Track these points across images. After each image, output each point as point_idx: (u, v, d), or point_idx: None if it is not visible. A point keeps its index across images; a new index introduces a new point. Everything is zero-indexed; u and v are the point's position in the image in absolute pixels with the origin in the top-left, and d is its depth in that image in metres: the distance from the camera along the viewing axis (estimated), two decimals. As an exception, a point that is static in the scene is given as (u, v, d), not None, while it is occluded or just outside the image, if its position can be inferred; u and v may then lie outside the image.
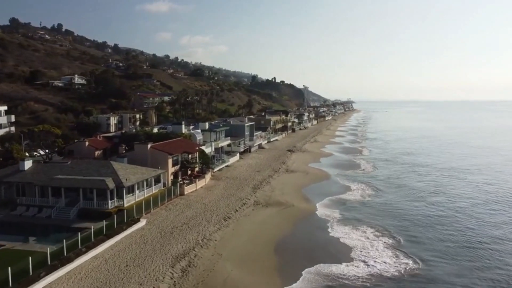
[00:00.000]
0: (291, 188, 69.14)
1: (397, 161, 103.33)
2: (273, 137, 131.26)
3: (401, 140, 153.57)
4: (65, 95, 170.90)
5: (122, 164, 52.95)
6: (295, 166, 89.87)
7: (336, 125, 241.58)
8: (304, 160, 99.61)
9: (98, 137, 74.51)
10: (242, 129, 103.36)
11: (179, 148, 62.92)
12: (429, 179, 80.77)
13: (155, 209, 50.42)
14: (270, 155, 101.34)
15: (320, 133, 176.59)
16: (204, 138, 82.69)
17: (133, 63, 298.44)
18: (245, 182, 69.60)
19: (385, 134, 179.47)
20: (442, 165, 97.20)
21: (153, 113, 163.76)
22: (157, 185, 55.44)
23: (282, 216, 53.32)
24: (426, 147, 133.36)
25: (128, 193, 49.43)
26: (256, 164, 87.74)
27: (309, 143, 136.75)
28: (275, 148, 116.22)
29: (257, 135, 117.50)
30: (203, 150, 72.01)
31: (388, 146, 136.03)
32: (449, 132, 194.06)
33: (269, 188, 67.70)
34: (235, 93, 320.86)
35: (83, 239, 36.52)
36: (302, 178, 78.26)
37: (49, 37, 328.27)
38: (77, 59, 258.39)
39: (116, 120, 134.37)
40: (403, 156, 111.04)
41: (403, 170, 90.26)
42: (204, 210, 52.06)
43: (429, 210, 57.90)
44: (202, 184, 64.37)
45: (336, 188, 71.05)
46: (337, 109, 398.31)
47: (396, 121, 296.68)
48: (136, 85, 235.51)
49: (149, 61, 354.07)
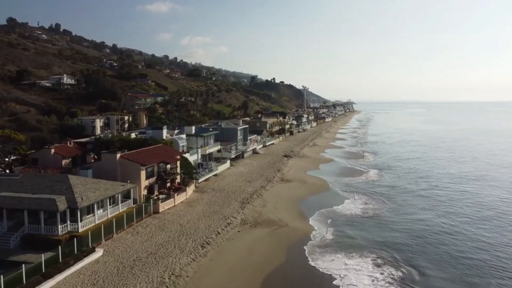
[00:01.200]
0: (285, 202, 60.75)
1: (402, 167, 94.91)
2: (269, 141, 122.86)
3: (405, 144, 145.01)
4: (52, 96, 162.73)
5: (82, 179, 44.53)
6: (291, 175, 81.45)
7: (336, 127, 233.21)
8: (302, 167, 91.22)
9: (68, 143, 66.16)
10: (234, 133, 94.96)
11: (156, 157, 54.45)
12: (438, 191, 72.32)
13: (120, 233, 42.04)
14: (265, 162, 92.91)
15: (319, 136, 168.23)
16: (190, 144, 74.32)
17: (127, 63, 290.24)
18: (233, 195, 61.18)
19: (387, 137, 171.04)
20: (452, 173, 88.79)
21: (144, 114, 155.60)
22: (126, 202, 47.04)
23: (273, 240, 44.90)
24: (432, 152, 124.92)
25: (86, 214, 41.06)
26: (248, 172, 79.31)
27: (307, 147, 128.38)
28: (270, 153, 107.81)
29: (251, 139, 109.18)
30: (186, 159, 63.61)
31: (392, 150, 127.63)
32: (455, 135, 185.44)
33: (260, 202, 59.30)
34: (233, 94, 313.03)
35: (8, 283, 28.14)
36: (299, 189, 69.87)
37: (46, 37, 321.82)
38: (69, 59, 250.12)
39: (102, 122, 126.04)
40: (409, 162, 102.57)
41: (410, 179, 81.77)
42: (179, 233, 43.66)
43: (445, 237, 49.47)
44: (183, 199, 55.96)
45: (336, 202, 62.59)
46: (337, 110, 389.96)
47: (397, 123, 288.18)
48: (129, 85, 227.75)
49: (145, 61, 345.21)
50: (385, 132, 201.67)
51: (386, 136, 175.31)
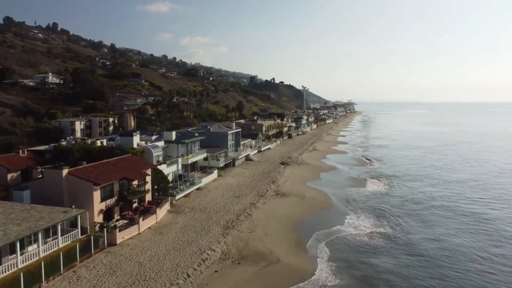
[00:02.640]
0: (279, 225, 50.16)
1: (413, 176, 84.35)
2: (265, 146, 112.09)
3: (412, 149, 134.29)
4: (35, 96, 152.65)
5: (7, 205, 33.97)
6: (288, 187, 70.79)
7: (337, 129, 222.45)
8: (300, 177, 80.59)
9: (22, 152, 55.52)
10: (224, 137, 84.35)
11: (117, 172, 43.73)
12: (461, 204, 61.74)
13: (52, 280, 31.43)
14: (258, 171, 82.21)
15: (320, 139, 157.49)
16: (169, 152, 63.72)
17: (121, 61, 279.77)
18: (215, 216, 50.54)
19: (392, 141, 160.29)
20: (465, 179, 78.26)
21: (131, 116, 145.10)
22: (72, 232, 36.46)
23: (260, 285, 34.35)
24: (442, 155, 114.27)
25: (8, 254, 30.50)
26: (238, 185, 68.59)
27: (307, 152, 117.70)
28: (266, 159, 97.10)
29: (245, 144, 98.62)
30: (160, 172, 53.01)
31: (399, 156, 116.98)
32: (464, 138, 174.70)
33: (248, 225, 48.70)
34: (231, 94, 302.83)
35: None
36: (296, 206, 59.25)
37: (42, 36, 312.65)
38: (58, 57, 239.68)
39: (83, 124, 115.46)
40: (419, 170, 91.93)
41: (423, 190, 71.19)
42: (135, 277, 33.03)
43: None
44: (151, 223, 45.32)
45: (340, 222, 52.14)
46: (338, 111, 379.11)
47: (401, 125, 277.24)
48: (121, 85, 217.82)
49: (140, 61, 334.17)
50: (389, 134, 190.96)
51: (391, 140, 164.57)
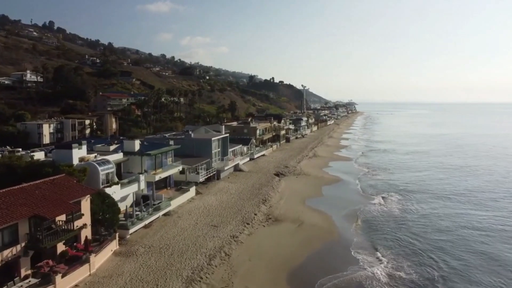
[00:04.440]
0: (267, 271, 36.48)
1: (431, 191, 70.72)
2: (258, 152, 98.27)
3: (423, 155, 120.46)
4: (10, 96, 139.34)
5: None
6: (282, 207, 57.07)
7: (339, 131, 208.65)
8: (298, 193, 66.89)
9: None
10: (207, 145, 70.53)
11: (25, 207, 29.76)
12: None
13: None
14: (248, 185, 68.35)
15: (321, 142, 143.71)
16: (131, 167, 50.01)
17: (112, 60, 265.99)
18: (179, 260, 36.76)
19: (401, 145, 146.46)
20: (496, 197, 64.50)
21: (111, 117, 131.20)
22: None
23: None
24: (461, 162, 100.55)
25: None
26: (219, 206, 54.76)
27: (306, 159, 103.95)
28: (258, 169, 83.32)
29: (235, 151, 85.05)
30: (107, 197, 39.27)
31: (410, 165, 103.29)
32: (480, 141, 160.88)
33: (223, 274, 35.00)
34: (227, 94, 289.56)
35: None
36: (292, 238, 45.56)
37: (36, 34, 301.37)
38: (43, 54, 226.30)
39: (52, 128, 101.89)
40: (436, 183, 78.25)
41: (447, 213, 57.44)
42: None
43: None
44: (81, 277, 31.53)
45: (356, 264, 38.49)
46: (340, 112, 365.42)
47: (406, 126, 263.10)
48: (108, 84, 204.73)
49: (132, 59, 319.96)
50: (396, 137, 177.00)
51: (399, 144, 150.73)
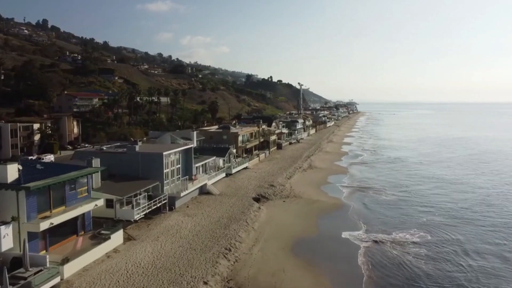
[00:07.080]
0: None
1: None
2: (239, 165, 77.85)
3: (443, 166, 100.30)
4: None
5: None
6: (255, 262, 36.91)
7: (341, 134, 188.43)
8: (284, 230, 46.65)
9: None
10: (156, 161, 50.35)
11: None
12: None
13: None
14: (211, 220, 47.93)
15: (318, 149, 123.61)
16: (3, 208, 30.11)
17: (95, 56, 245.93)
18: None
19: (411, 151, 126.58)
20: None
21: (72, 120, 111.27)
22: None
23: None
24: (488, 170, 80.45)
25: None
26: (151, 268, 34.39)
27: (299, 172, 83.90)
28: (233, 191, 62.98)
29: (206, 166, 65.07)
30: None
31: (420, 172, 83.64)
32: (495, 145, 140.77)
33: None
34: (220, 93, 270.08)
35: None
36: None
37: (27, 32, 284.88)
38: (16, 50, 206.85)
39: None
40: (479, 209, 58.14)
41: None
42: None
43: None
44: None
45: None
46: (340, 112, 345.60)
47: (412, 128, 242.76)
48: (86, 81, 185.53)
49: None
50: (403, 142, 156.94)
51: (409, 150, 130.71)
